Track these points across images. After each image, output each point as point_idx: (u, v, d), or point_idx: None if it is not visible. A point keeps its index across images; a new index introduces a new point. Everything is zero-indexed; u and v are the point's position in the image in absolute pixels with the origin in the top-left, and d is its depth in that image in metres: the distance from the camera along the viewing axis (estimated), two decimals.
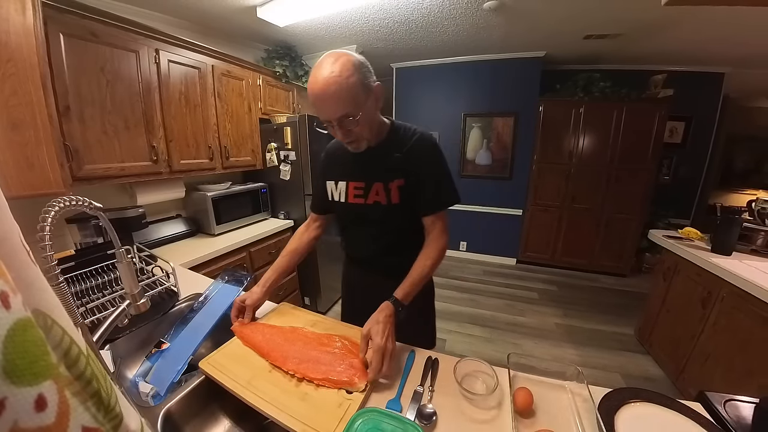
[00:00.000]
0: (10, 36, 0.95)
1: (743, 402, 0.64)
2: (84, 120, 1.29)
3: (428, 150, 0.85)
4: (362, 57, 0.74)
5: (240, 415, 0.76)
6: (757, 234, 1.68)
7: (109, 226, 0.62)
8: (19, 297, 0.22)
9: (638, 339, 2.18)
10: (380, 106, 0.82)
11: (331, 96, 0.69)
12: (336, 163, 0.95)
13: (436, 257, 0.84)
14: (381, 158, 0.85)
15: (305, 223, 1.09)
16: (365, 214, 0.90)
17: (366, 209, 0.89)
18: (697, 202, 3.51)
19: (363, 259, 1.02)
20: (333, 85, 0.68)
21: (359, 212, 0.91)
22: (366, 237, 0.95)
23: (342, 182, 0.92)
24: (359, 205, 0.89)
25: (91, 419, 0.26)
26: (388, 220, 0.89)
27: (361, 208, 0.90)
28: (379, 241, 0.93)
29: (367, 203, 0.88)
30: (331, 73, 0.68)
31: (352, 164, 0.90)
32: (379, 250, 0.94)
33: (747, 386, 1.30)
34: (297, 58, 2.66)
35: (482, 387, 0.70)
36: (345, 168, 0.92)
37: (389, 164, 0.85)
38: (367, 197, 0.88)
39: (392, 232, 0.92)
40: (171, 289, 1.13)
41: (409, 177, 0.84)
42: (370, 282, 0.87)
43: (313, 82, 0.70)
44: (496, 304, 2.71)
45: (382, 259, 0.95)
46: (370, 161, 0.86)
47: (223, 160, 1.97)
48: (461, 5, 2.03)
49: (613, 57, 2.96)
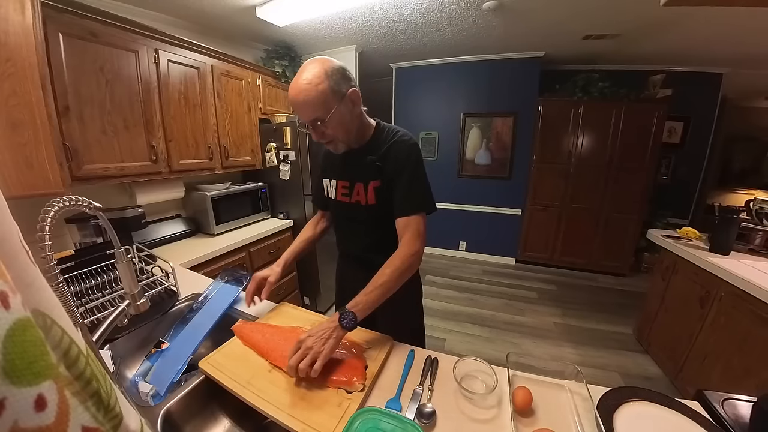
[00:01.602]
0: (9, 36, 0.95)
1: (741, 401, 0.64)
2: (83, 120, 1.29)
3: (403, 152, 0.86)
4: (340, 64, 0.78)
5: (240, 415, 0.76)
6: (755, 233, 1.68)
7: (109, 226, 0.62)
8: (18, 297, 0.22)
9: (637, 338, 2.18)
10: (358, 111, 0.86)
11: (302, 101, 0.75)
12: (330, 162, 1.00)
13: (398, 266, 0.79)
14: (362, 159, 0.89)
15: (315, 217, 1.16)
16: (349, 212, 0.96)
17: (350, 207, 0.94)
18: (696, 201, 3.52)
19: (351, 254, 1.07)
20: (303, 92, 0.74)
21: (345, 210, 0.97)
22: (353, 234, 1.01)
23: (333, 180, 0.98)
24: (345, 203, 0.95)
25: (91, 419, 0.26)
26: (369, 219, 0.93)
27: (346, 206, 0.95)
28: (365, 239, 0.98)
29: (350, 202, 0.94)
30: (303, 80, 0.74)
31: (340, 164, 0.95)
32: (365, 247, 0.99)
33: (745, 385, 1.30)
34: (296, 58, 2.66)
35: (481, 386, 0.70)
36: (335, 167, 0.97)
37: (368, 165, 0.88)
38: (351, 196, 0.93)
39: (375, 231, 0.95)
40: (170, 288, 1.13)
41: (384, 178, 0.87)
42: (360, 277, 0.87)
43: (290, 87, 0.77)
44: (495, 303, 2.71)
45: (368, 256, 0.97)
46: (352, 162, 0.91)
47: (223, 160, 1.97)
48: (460, 5, 2.03)
49: (612, 57, 2.96)
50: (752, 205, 1.80)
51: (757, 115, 3.44)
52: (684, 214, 3.52)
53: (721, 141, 3.39)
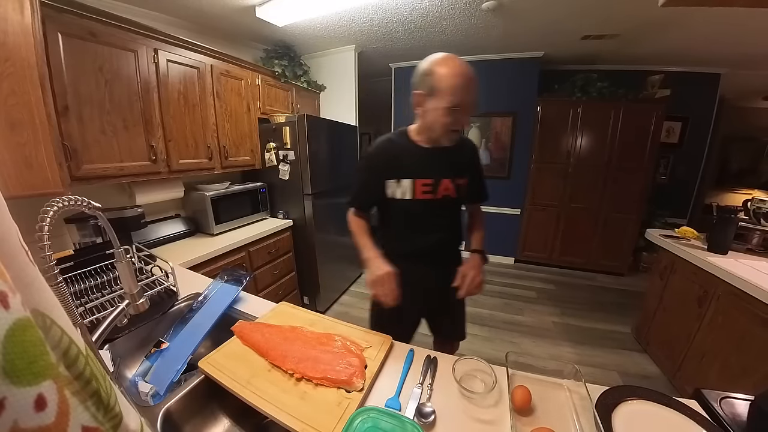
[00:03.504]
0: (8, 35, 0.95)
1: (739, 399, 0.65)
2: (82, 120, 1.28)
3: (476, 149, 1.09)
4: None
5: (239, 415, 0.76)
6: (752, 233, 1.69)
7: (108, 226, 0.62)
8: (18, 297, 0.22)
9: (635, 337, 2.19)
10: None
11: (476, 82, 0.84)
12: (399, 163, 0.97)
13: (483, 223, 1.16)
14: (449, 156, 0.96)
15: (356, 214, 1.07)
16: (434, 209, 0.99)
17: (434, 204, 0.98)
18: (694, 201, 3.53)
19: (420, 252, 1.04)
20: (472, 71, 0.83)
21: (428, 207, 0.98)
22: (430, 230, 1.03)
23: (406, 180, 0.96)
24: (427, 201, 0.97)
25: (91, 419, 0.27)
26: (452, 213, 1.05)
27: (429, 204, 0.98)
28: (443, 233, 1.05)
29: (436, 198, 0.97)
30: (465, 64, 0.83)
31: (418, 162, 0.96)
32: (438, 240, 1.04)
33: (742, 384, 1.30)
34: (296, 58, 2.66)
35: (481, 385, 0.70)
36: (409, 167, 0.96)
37: (457, 162, 0.99)
38: (437, 192, 0.97)
39: (452, 223, 1.07)
40: (170, 288, 1.13)
41: (469, 173, 1.02)
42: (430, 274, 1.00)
43: (460, 66, 0.83)
44: (494, 303, 2.72)
45: (438, 250, 1.05)
46: (439, 159, 0.96)
47: (222, 160, 1.97)
48: (460, 5, 2.03)
49: (610, 57, 2.97)
50: (750, 204, 1.81)
51: (755, 115, 3.45)
52: (682, 213, 3.53)
53: (719, 141, 3.41)
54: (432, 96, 0.85)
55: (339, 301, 2.73)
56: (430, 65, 0.85)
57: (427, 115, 0.89)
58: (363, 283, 3.06)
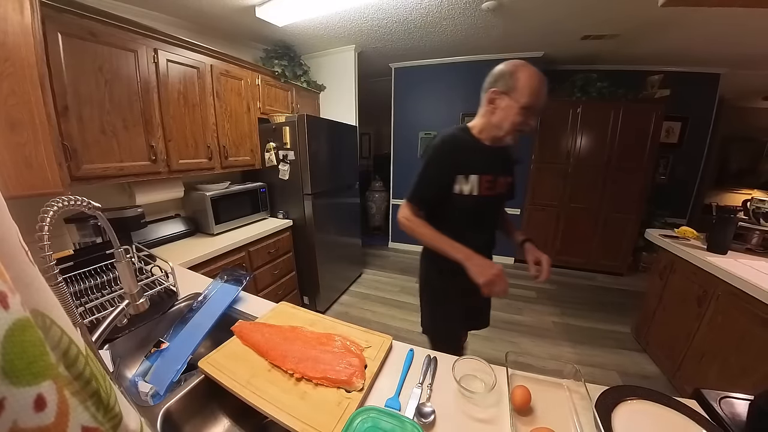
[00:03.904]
0: (8, 35, 0.95)
1: (738, 399, 0.65)
2: (82, 120, 1.28)
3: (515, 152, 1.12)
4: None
5: (239, 414, 0.76)
6: (752, 233, 1.69)
7: (108, 226, 0.62)
8: (17, 297, 0.22)
9: (635, 337, 2.19)
10: None
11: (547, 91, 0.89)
12: (467, 158, 0.97)
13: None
14: (505, 154, 1.04)
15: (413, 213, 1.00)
16: (490, 205, 1.03)
17: (492, 200, 1.01)
18: (693, 201, 3.53)
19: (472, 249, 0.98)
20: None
21: (488, 203, 1.02)
22: (485, 226, 1.07)
23: (474, 176, 0.97)
24: (488, 197, 0.99)
25: (91, 419, 0.27)
26: (499, 210, 1.12)
27: (489, 200, 1.00)
28: (492, 229, 1.11)
29: (494, 195, 1.01)
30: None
31: (482, 159, 0.98)
32: (490, 237, 1.11)
33: (742, 383, 1.31)
34: (296, 58, 2.66)
35: (480, 385, 0.70)
36: (477, 162, 0.98)
37: (508, 160, 1.06)
38: (495, 189, 1.00)
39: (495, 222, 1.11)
40: (170, 288, 1.13)
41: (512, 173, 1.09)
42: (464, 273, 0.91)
43: (539, 72, 0.88)
44: (494, 302, 2.69)
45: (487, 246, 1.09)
46: (498, 156, 1.01)
47: (222, 160, 1.97)
48: (459, 5, 2.03)
49: (610, 57, 2.97)
50: (749, 204, 1.81)
51: (755, 115, 3.46)
52: (682, 213, 3.53)
53: (718, 141, 3.41)
54: (508, 94, 0.89)
55: (339, 301, 2.73)
56: (512, 66, 0.90)
57: (498, 113, 0.92)
58: (363, 283, 3.06)
